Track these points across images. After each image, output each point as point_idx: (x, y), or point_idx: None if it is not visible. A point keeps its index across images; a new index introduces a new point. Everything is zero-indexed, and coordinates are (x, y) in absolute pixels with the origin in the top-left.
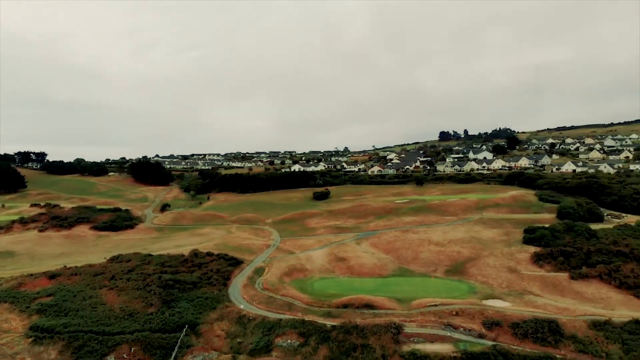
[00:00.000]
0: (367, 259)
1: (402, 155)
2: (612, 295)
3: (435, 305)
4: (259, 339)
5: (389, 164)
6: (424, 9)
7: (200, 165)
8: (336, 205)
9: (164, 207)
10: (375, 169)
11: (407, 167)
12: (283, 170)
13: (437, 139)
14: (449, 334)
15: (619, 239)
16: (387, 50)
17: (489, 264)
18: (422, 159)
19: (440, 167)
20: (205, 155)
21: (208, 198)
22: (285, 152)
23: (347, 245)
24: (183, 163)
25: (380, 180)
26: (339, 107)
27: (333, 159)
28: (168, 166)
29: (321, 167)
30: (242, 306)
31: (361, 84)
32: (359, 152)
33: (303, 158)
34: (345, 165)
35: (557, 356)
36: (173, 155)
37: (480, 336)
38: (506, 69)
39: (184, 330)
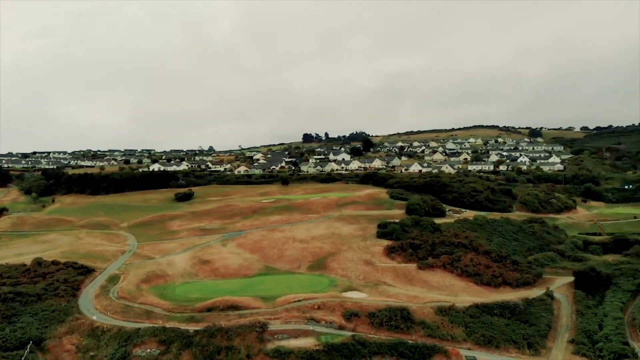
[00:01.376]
0: (233, 259)
1: (269, 156)
2: (454, 282)
3: (299, 300)
4: (114, 351)
5: (256, 164)
6: (294, 12)
7: (44, 164)
8: (201, 206)
9: (1, 212)
10: (242, 169)
11: (273, 167)
12: (140, 170)
13: (301, 140)
14: (311, 328)
15: (459, 232)
16: (255, 50)
17: (348, 257)
18: (287, 159)
19: (304, 168)
20: (49, 153)
21: (53, 201)
22: (142, 150)
23: (213, 247)
24: (23, 162)
25: (247, 180)
26: (205, 106)
27: (197, 158)
28: (6, 165)
29: (184, 166)
30: (94, 317)
31: (229, 82)
32: (225, 152)
33: (163, 157)
34: (210, 165)
35: (409, 341)
36: (12, 153)
37: (341, 328)
38: (365, 75)
39: (28, 347)
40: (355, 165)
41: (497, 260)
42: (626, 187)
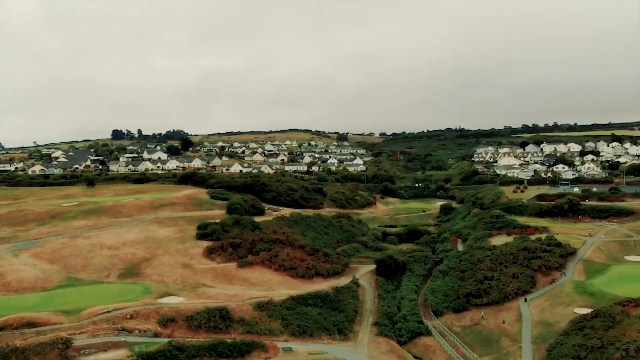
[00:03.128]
0: (28, 272)
1: (71, 154)
2: (272, 277)
3: (109, 311)
4: None
5: (55, 162)
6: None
7: None
8: None
9: None
10: (37, 168)
11: (77, 166)
12: None
13: (110, 137)
14: (123, 339)
15: (278, 229)
16: (55, 35)
17: (164, 262)
18: (93, 157)
19: (113, 167)
20: None
21: None
22: None
23: (2, 258)
24: None
25: (44, 181)
26: None
27: None
28: None
29: None
30: None
31: (22, 70)
32: (17, 149)
33: None
34: None
35: (228, 340)
36: None
37: (156, 335)
38: (183, 71)
39: None
40: (173, 164)
41: (311, 254)
42: (416, 185)
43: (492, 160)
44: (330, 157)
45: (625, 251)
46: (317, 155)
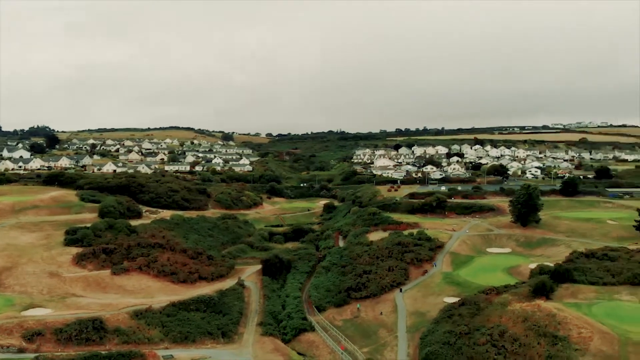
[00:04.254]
0: None
1: None
2: (151, 284)
3: None
4: None
5: None
6: None
7: None
8: None
9: None
10: None
11: None
12: None
13: None
14: None
15: (157, 232)
16: None
17: (28, 271)
18: None
19: None
20: None
21: None
22: None
23: None
24: None
25: None
26: None
27: None
28: None
29: None
30: None
31: None
32: None
33: None
34: None
35: (103, 352)
36: None
37: (21, 350)
38: (51, 63)
39: None
40: (37, 163)
41: (193, 257)
42: (302, 185)
43: (369, 161)
44: (215, 156)
45: (487, 244)
46: (200, 155)
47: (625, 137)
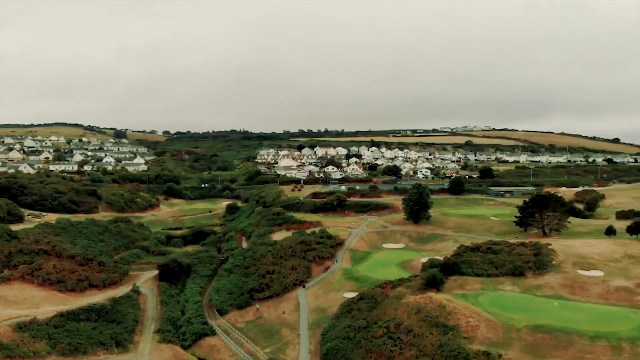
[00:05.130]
0: None
1: None
2: (36, 293)
3: None
4: None
5: None
6: None
7: None
8: None
9: None
10: None
11: None
12: None
13: None
14: None
15: (41, 237)
16: None
17: None
18: None
19: None
20: None
21: None
22: None
23: None
24: None
25: None
26: None
27: None
28: None
29: None
30: None
31: None
32: None
33: None
34: None
35: None
36: None
37: None
38: None
39: None
40: None
41: (82, 264)
42: (202, 185)
43: (273, 161)
44: (106, 155)
45: (383, 240)
46: (90, 154)
47: (506, 140)
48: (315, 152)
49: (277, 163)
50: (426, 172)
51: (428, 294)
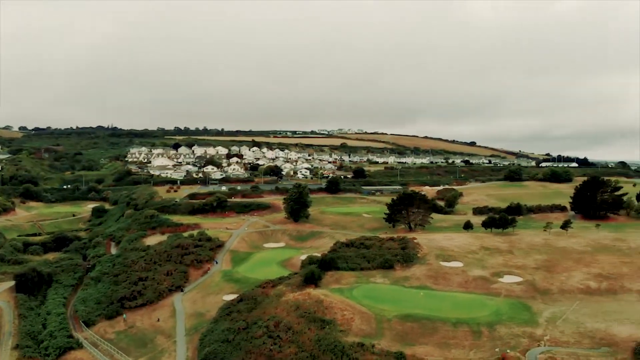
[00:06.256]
0: None
1: None
2: None
3: None
4: None
5: None
6: None
7: None
8: None
9: None
10: None
11: None
12: None
13: None
14: None
15: None
16: None
17: None
18: None
19: None
20: None
21: None
22: None
23: None
24: None
25: None
26: None
27: None
28: None
29: None
30: None
31: None
32: None
33: None
34: None
35: None
36: None
37: None
38: None
39: None
40: None
41: None
42: (65, 186)
43: (146, 160)
44: None
45: (264, 239)
46: None
47: (377, 143)
48: (193, 152)
49: (150, 162)
50: (305, 172)
51: (307, 290)
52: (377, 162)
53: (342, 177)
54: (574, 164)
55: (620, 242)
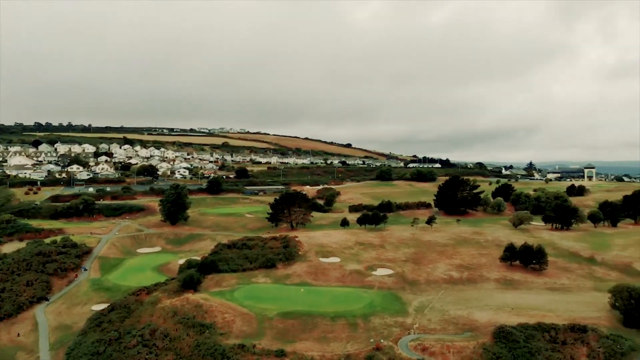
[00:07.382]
0: None
1: None
2: None
3: None
4: None
5: None
6: None
7: None
8: None
9: None
10: None
11: None
12: None
13: None
14: None
15: None
16: None
17: None
18: None
19: None
20: None
21: None
22: None
23: None
24: None
25: None
26: None
27: None
28: None
29: None
30: None
31: None
32: None
33: None
34: None
35: None
36: None
37: None
38: None
39: None
40: None
41: None
42: None
43: (1, 159)
44: None
45: (138, 244)
46: None
47: (260, 143)
48: (56, 149)
49: (6, 161)
50: (184, 172)
51: (185, 296)
52: (260, 162)
53: (224, 177)
54: (438, 165)
55: (478, 236)
